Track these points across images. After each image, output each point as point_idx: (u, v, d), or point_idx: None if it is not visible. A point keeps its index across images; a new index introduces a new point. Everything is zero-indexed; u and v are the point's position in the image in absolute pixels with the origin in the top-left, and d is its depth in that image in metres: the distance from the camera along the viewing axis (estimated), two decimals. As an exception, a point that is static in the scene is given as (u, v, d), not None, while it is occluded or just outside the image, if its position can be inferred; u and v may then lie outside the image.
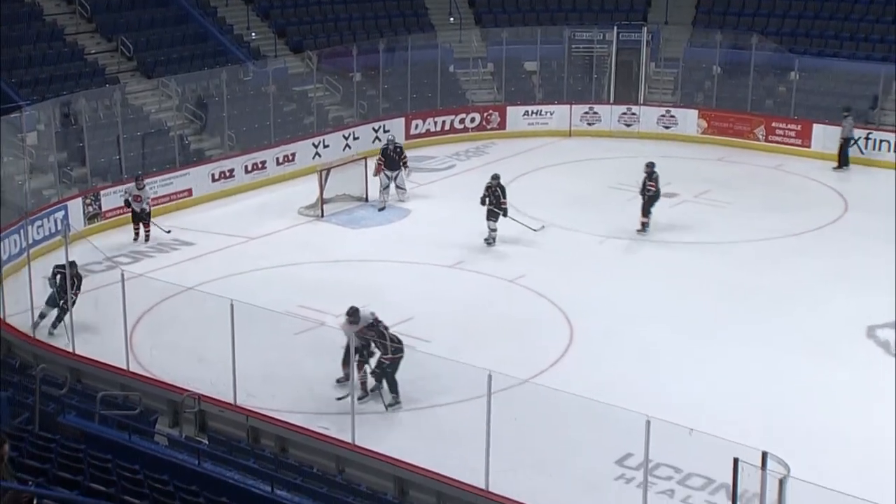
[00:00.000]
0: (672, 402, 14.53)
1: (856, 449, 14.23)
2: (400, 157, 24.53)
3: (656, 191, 22.76)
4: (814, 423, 14.90)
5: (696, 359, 16.92)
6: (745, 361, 16.77)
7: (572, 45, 32.08)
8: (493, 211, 21.62)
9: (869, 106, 28.95)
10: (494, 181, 21.84)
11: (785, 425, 14.50)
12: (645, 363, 16.73)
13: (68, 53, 27.49)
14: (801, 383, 16.08)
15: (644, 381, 15.92)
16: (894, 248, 21.62)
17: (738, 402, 15.36)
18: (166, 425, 14.62)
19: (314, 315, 17.60)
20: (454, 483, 12.94)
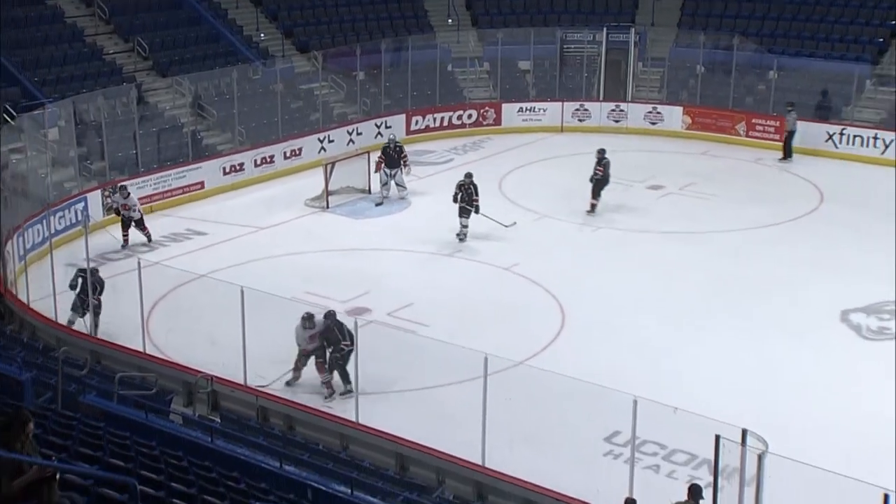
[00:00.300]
0: (658, 383, 14.55)
1: (829, 425, 14.28)
2: (399, 155, 24.32)
3: (603, 175, 23.13)
4: (791, 402, 14.93)
5: (680, 342, 16.94)
6: (726, 345, 16.80)
7: (564, 46, 32.05)
8: (464, 208, 21.22)
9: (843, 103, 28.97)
10: (467, 179, 21.40)
11: (764, 404, 14.52)
12: (633, 346, 16.74)
13: (88, 53, 27.44)
14: (779, 364, 16.11)
15: (632, 363, 15.93)
16: (866, 238, 21.72)
17: (719, 383, 15.38)
18: (181, 405, 14.66)
19: (319, 301, 17.56)
20: (452, 459, 12.97)
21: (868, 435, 14.00)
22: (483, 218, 21.50)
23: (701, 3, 33.46)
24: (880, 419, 14.41)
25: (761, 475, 9.86)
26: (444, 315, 17.74)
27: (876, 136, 27.55)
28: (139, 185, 23.65)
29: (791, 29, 31.66)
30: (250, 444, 11.76)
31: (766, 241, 21.68)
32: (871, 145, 27.55)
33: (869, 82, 29.15)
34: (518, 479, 12.55)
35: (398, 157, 24.24)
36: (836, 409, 14.79)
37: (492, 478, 12.71)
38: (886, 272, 19.70)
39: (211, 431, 11.70)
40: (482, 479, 12.77)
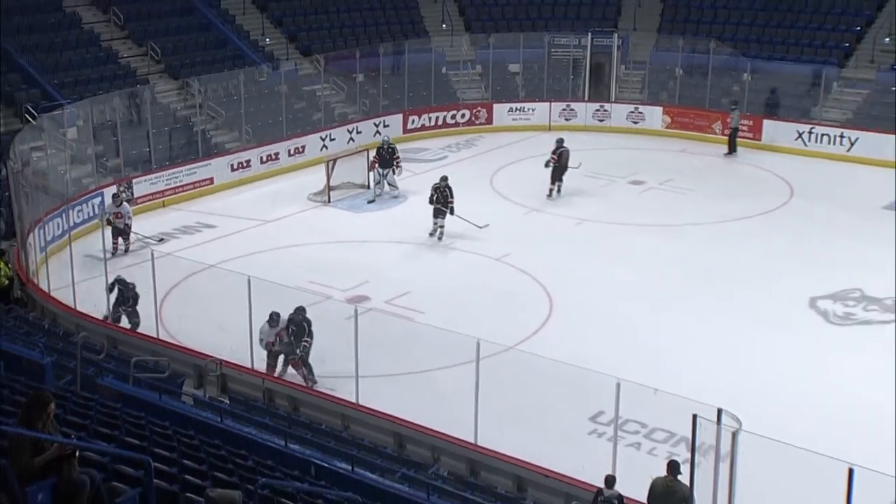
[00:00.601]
0: (639, 366, 14.56)
1: (799, 404, 14.31)
2: (392, 156, 24.03)
3: (557, 163, 23.72)
4: (763, 383, 14.96)
5: (661, 328, 16.95)
6: (703, 330, 16.82)
7: (551, 50, 31.99)
8: (439, 209, 20.84)
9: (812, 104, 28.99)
10: (443, 182, 21.01)
11: (738, 385, 14.54)
12: (616, 332, 16.76)
13: (104, 57, 27.33)
14: (752, 348, 16.14)
15: (615, 347, 15.95)
16: (833, 230, 21.76)
17: (697, 365, 15.41)
18: (192, 387, 14.64)
19: (322, 290, 17.58)
20: (446, 438, 12.98)
21: (834, 413, 14.06)
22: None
23: (679, 10, 33.44)
24: (846, 398, 14.49)
25: (735, 452, 9.88)
26: (439, 303, 17.75)
27: (842, 135, 27.57)
28: (152, 182, 23.63)
29: (763, 34, 31.64)
30: (257, 424, 11.75)
31: (740, 233, 21.70)
32: (837, 143, 27.57)
33: (836, 84, 29.14)
34: (508, 456, 12.57)
35: (390, 158, 24.01)
36: (804, 389, 14.83)
37: (484, 455, 12.73)
38: (852, 262, 19.78)
39: (220, 412, 11.70)
40: (475, 456, 12.78)
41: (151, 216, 22.89)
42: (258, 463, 9.41)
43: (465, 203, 22.02)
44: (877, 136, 26.97)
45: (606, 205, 23.57)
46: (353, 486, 9.60)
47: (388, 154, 24.02)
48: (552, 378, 13.66)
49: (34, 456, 6.35)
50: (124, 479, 6.89)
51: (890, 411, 14.08)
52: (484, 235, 21.28)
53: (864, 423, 13.76)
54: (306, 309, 14.91)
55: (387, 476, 10.64)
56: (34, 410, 6.68)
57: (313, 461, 10.25)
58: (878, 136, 26.97)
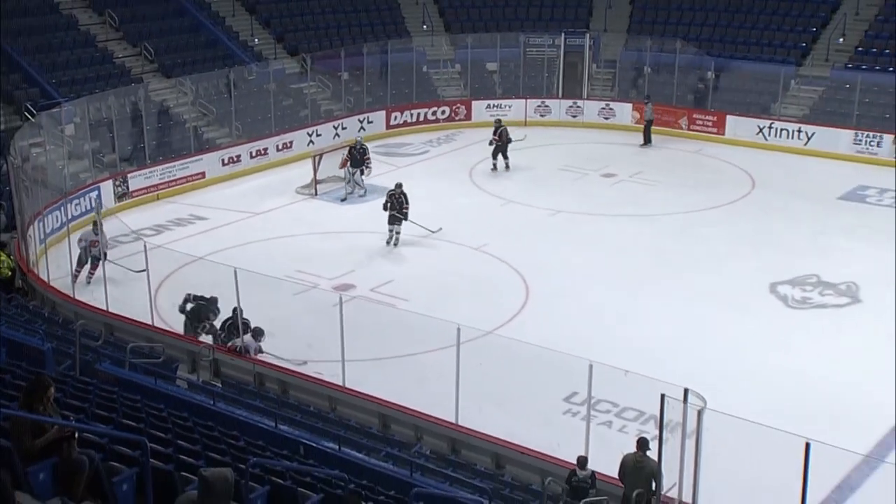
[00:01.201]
0: (611, 348, 14.62)
1: (760, 383, 14.42)
2: (363, 157, 23.76)
3: (500, 142, 25.17)
4: (726, 363, 15.05)
5: (631, 311, 17.03)
6: (671, 313, 16.90)
7: (527, 49, 31.93)
8: (394, 216, 19.97)
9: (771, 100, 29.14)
10: (397, 189, 20.14)
11: (703, 365, 14.61)
12: (589, 316, 16.82)
13: (99, 57, 27.08)
14: (717, 330, 16.24)
15: (588, 331, 16.00)
16: (791, 219, 21.90)
17: (665, 347, 15.47)
18: (186, 372, 14.58)
19: (309, 279, 17.57)
20: (429, 418, 13.00)
21: (793, 391, 14.18)
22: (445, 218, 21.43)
23: (647, 12, 33.45)
24: (804, 377, 14.60)
25: (700, 429, 9.94)
26: (421, 290, 17.74)
27: (800, 130, 27.71)
28: (146, 176, 23.49)
29: (726, 34, 31.72)
30: (248, 407, 11.72)
31: (705, 222, 21.80)
32: (795, 138, 27.71)
33: (794, 82, 29.27)
34: (487, 435, 12.60)
35: (361, 159, 23.73)
36: (765, 369, 14.93)
37: (464, 434, 12.75)
38: (809, 249, 19.92)
39: (213, 395, 11.66)
40: (456, 435, 12.80)
41: (146, 209, 22.75)
42: (249, 443, 9.39)
43: (446, 195, 22.05)
44: (832, 131, 27.14)
45: (579, 196, 23.61)
46: (340, 464, 9.60)
47: (359, 154, 23.74)
48: (529, 361, 13.67)
49: (35, 438, 6.33)
50: (121, 460, 6.87)
51: (844, 389, 14.24)
52: (464, 226, 21.25)
53: (819, 400, 13.89)
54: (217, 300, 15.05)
55: (372, 455, 10.64)
56: (35, 394, 6.65)
57: (302, 441, 10.23)
58: (834, 130, 27.14)
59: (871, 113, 27.45)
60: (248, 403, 11.99)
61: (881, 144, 26.39)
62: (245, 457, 8.23)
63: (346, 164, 23.85)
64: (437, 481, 10.08)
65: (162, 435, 8.41)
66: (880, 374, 14.65)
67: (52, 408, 6.83)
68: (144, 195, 23.32)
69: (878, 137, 26.46)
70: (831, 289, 17.97)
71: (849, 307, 17.30)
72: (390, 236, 20.08)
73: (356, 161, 23.70)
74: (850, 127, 26.99)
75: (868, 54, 28.99)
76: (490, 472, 11.91)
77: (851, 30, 29.95)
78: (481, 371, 13.68)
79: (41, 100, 23.89)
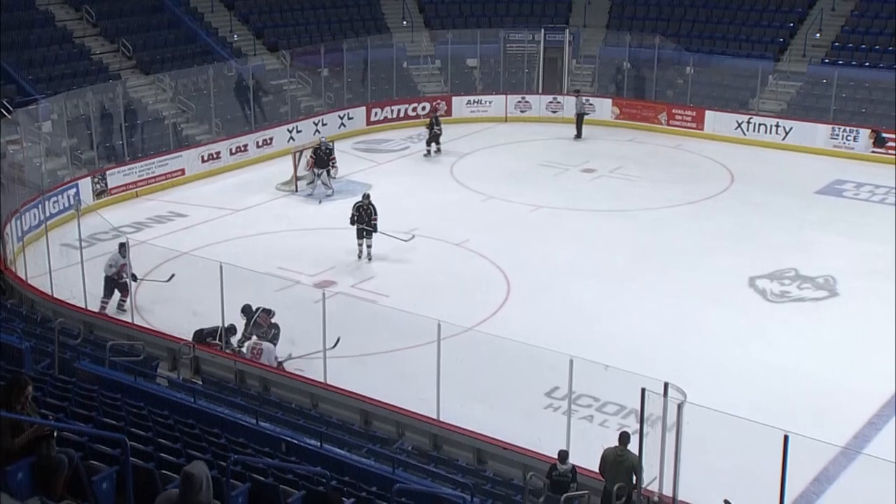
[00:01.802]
0: (592, 342, 14.68)
1: (739, 376, 14.50)
2: (328, 157, 23.59)
3: (435, 131, 26.34)
4: (706, 356, 15.14)
5: (611, 306, 17.08)
6: (651, 307, 16.97)
7: (507, 45, 31.96)
8: (363, 229, 19.01)
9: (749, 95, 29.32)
10: (365, 200, 19.23)
11: (683, 359, 14.69)
12: (570, 311, 16.86)
13: (77, 54, 26.87)
14: (696, 324, 16.32)
15: (569, 325, 16.04)
16: (770, 213, 22.04)
17: (645, 341, 15.54)
18: (166, 369, 14.49)
19: (290, 275, 17.50)
20: (410, 414, 12.99)
21: (771, 384, 14.27)
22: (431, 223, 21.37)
23: (626, 7, 33.56)
24: (782, 371, 14.71)
25: (680, 422, 10.00)
26: (402, 286, 17.73)
27: (778, 125, 27.89)
28: (125, 173, 23.34)
29: (705, 30, 31.89)
30: (229, 404, 11.67)
31: (684, 217, 21.90)
32: (773, 132, 27.89)
33: (771, 77, 29.45)
34: (469, 430, 12.60)
35: (327, 159, 23.57)
36: (744, 362, 15.03)
37: (446, 430, 12.75)
38: (787, 243, 20.06)
39: (194, 393, 11.59)
40: (437, 431, 12.80)
41: (125, 206, 22.60)
42: (231, 441, 9.36)
43: (427, 190, 22.02)
44: (809, 126, 27.34)
45: (560, 192, 23.65)
46: (322, 461, 9.58)
47: (324, 155, 23.57)
48: (510, 356, 13.67)
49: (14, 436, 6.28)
50: (102, 458, 6.83)
51: (822, 382, 14.36)
52: (445, 222, 21.24)
53: (797, 392, 14.00)
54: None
55: (354, 451, 10.61)
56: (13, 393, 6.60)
57: (284, 438, 10.20)
58: (811, 125, 27.34)
59: (847, 108, 27.69)
60: (229, 401, 11.93)
61: (858, 139, 26.61)
62: (226, 454, 8.19)
63: (312, 166, 23.64)
64: (419, 477, 10.08)
65: (142, 433, 8.36)
66: (857, 367, 14.81)
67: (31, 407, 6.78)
68: (123, 192, 23.16)
69: (854, 132, 26.67)
70: (809, 282, 18.10)
71: (826, 300, 17.44)
72: (360, 251, 19.13)
73: (322, 161, 23.51)
74: (827, 122, 27.19)
75: (844, 50, 29.21)
76: (472, 468, 11.92)
77: (828, 25, 30.18)
78: (463, 367, 13.69)
79: (18, 97, 23.65)
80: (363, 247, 19.19)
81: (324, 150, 23.61)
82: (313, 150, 23.69)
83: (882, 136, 26.16)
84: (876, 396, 13.93)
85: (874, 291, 17.58)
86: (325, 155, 23.58)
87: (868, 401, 13.81)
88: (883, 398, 13.93)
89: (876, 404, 13.75)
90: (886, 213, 22.14)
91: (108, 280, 16.45)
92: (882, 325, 16.22)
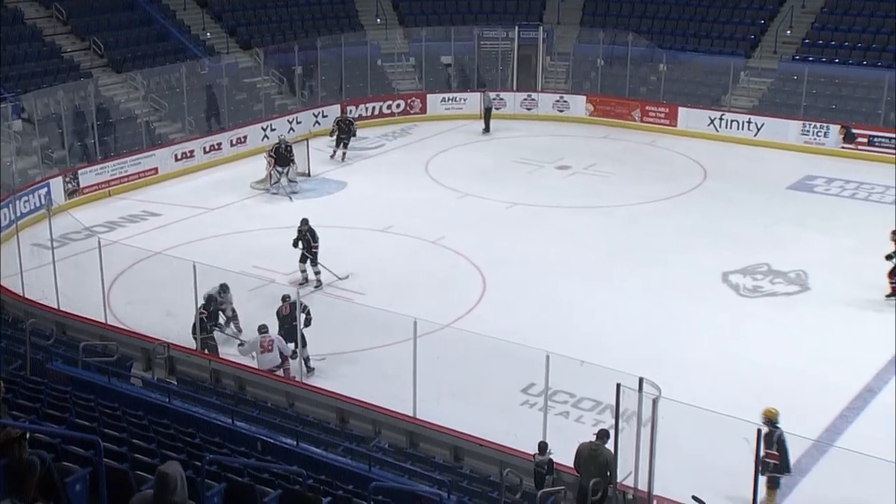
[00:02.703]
0: (568, 339, 14.69)
1: (712, 370, 14.60)
2: (290, 155, 23.47)
3: (339, 135, 26.01)
4: (680, 351, 15.22)
5: (587, 303, 17.14)
6: (625, 303, 17.05)
7: (481, 42, 31.99)
8: (304, 255, 17.77)
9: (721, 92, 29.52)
10: (304, 226, 17.70)
11: (658, 354, 14.77)
12: (545, 307, 16.89)
13: (47, 52, 26.57)
14: (670, 319, 16.41)
15: (544, 321, 16.08)
16: (743, 209, 22.21)
17: (620, 336, 15.62)
18: (140, 369, 14.38)
19: (265, 274, 17.43)
20: (387, 412, 12.95)
21: (745, 378, 14.38)
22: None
23: (600, 4, 33.70)
24: (755, 365, 14.83)
25: (655, 417, 10.04)
26: (378, 284, 17.68)
27: (750, 121, 28.11)
28: (98, 172, 23.13)
29: (678, 27, 32.07)
30: (204, 404, 11.60)
31: (658, 213, 22.01)
32: (745, 129, 28.10)
33: (743, 74, 29.67)
34: (446, 427, 12.59)
35: (288, 157, 23.46)
36: (718, 356, 15.13)
37: (422, 427, 12.72)
38: (760, 238, 20.22)
39: (168, 393, 11.52)
40: (414, 428, 12.78)
41: (97, 205, 22.40)
42: (206, 440, 9.30)
43: (402, 188, 21.98)
44: (781, 122, 27.58)
45: (535, 189, 23.70)
46: (298, 460, 9.55)
47: (286, 152, 23.42)
48: (486, 353, 13.72)
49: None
50: (75, 459, 6.76)
51: (794, 375, 14.48)
52: (420, 219, 21.21)
53: (770, 386, 14.10)
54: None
55: (330, 450, 10.59)
56: (-17, 396, 6.51)
57: (259, 437, 10.16)
58: (782, 121, 27.58)
59: (818, 104, 27.96)
60: (204, 400, 11.87)
61: (828, 135, 26.87)
62: (201, 454, 8.14)
63: (275, 165, 23.42)
64: (396, 475, 10.07)
65: (116, 434, 8.29)
66: (828, 361, 14.96)
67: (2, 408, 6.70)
68: (96, 192, 22.95)
69: (825, 128, 26.93)
70: (781, 277, 18.26)
71: (798, 295, 17.60)
72: (304, 277, 17.73)
73: (283, 160, 23.34)
74: (797, 118, 27.44)
75: (815, 46, 29.49)
76: (449, 465, 11.92)
77: (798, 22, 30.45)
78: (439, 364, 13.69)
79: (-13, 96, 23.39)
80: (304, 273, 17.73)
81: (284, 149, 23.45)
82: (273, 150, 23.50)
83: (852, 131, 26.44)
84: (847, 389, 14.09)
85: (845, 285, 17.76)
86: (286, 153, 23.45)
87: (839, 394, 13.96)
88: (853, 391, 14.09)
89: (847, 397, 13.91)
90: (856, 208, 22.41)
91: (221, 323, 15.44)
92: (852, 319, 16.42)
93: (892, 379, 14.46)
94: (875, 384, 14.33)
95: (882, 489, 10.10)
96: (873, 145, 26.29)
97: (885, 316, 16.37)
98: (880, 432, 12.67)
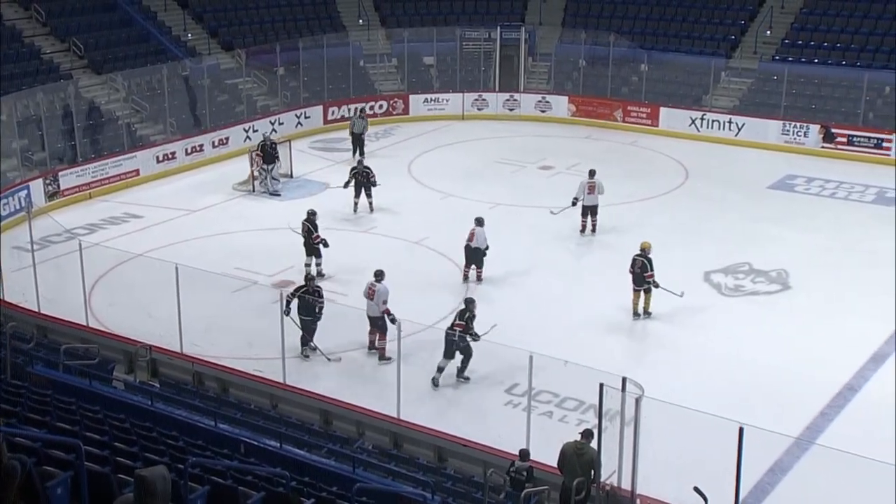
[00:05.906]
0: (551, 339, 14.75)
1: (694, 369, 14.67)
2: (275, 152, 23.44)
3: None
4: (663, 350, 15.30)
5: (570, 302, 17.19)
6: (609, 302, 17.07)
7: (463, 43, 32.01)
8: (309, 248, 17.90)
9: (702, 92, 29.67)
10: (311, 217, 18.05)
11: (640, 352, 14.85)
12: (529, 307, 16.92)
13: (27, 53, 26.37)
14: (653, 319, 16.47)
15: (528, 321, 16.11)
16: (724, 209, 22.31)
17: (603, 335, 15.68)
18: (122, 372, 14.32)
19: (248, 275, 17.37)
20: (370, 413, 12.96)
21: (727, 377, 14.47)
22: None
23: (581, 5, 33.80)
24: (737, 363, 14.91)
25: (638, 416, 10.08)
26: (361, 285, 17.55)
27: (731, 121, 28.27)
28: (78, 174, 22.98)
29: (659, 27, 32.20)
30: (187, 406, 11.56)
31: (640, 212, 22.08)
32: (727, 129, 28.26)
33: (724, 74, 29.85)
34: (429, 428, 12.62)
35: (273, 154, 23.45)
36: (700, 356, 15.22)
37: (406, 428, 12.74)
38: (741, 238, 20.33)
39: (151, 395, 11.47)
40: (398, 430, 12.79)
41: (78, 208, 22.25)
42: (189, 443, 9.26)
43: (385, 189, 21.94)
44: (761, 122, 27.76)
45: (517, 189, 23.72)
46: (282, 462, 9.52)
47: (271, 150, 23.39)
48: (469, 353, 13.72)
49: (-36, 445, 6.14)
50: (56, 463, 6.70)
51: (776, 374, 14.58)
52: (402, 220, 21.20)
53: (752, 385, 14.20)
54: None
55: (314, 451, 10.57)
56: (-37, 400, 6.45)
57: (243, 439, 10.12)
58: (763, 121, 27.76)
59: (798, 104, 28.16)
60: (187, 403, 11.82)
61: (808, 134, 27.06)
62: (184, 457, 8.11)
63: (261, 164, 23.39)
64: (380, 476, 10.07)
65: (98, 437, 8.24)
66: (809, 359, 15.06)
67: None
68: (76, 194, 22.81)
69: (804, 127, 27.12)
70: (762, 276, 18.36)
71: (779, 294, 17.70)
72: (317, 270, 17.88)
73: (269, 157, 23.33)
74: (778, 117, 27.62)
75: (794, 46, 29.69)
76: (432, 466, 11.92)
77: (778, 23, 30.64)
78: (422, 365, 13.70)
79: (-35, 97, 23.19)
80: (320, 266, 18.07)
81: (270, 146, 23.44)
82: (259, 148, 23.49)
83: (831, 131, 26.64)
84: (827, 387, 14.19)
85: (825, 284, 17.89)
86: (271, 150, 23.42)
87: (820, 392, 14.06)
88: (834, 389, 14.19)
89: (828, 395, 14.01)
90: (836, 207, 22.58)
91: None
92: (833, 318, 16.54)
93: (873, 376, 14.59)
94: (856, 382, 14.45)
95: (863, 486, 10.18)
96: (853, 145, 26.51)
97: (864, 314, 16.50)
98: (861, 430, 12.78)
